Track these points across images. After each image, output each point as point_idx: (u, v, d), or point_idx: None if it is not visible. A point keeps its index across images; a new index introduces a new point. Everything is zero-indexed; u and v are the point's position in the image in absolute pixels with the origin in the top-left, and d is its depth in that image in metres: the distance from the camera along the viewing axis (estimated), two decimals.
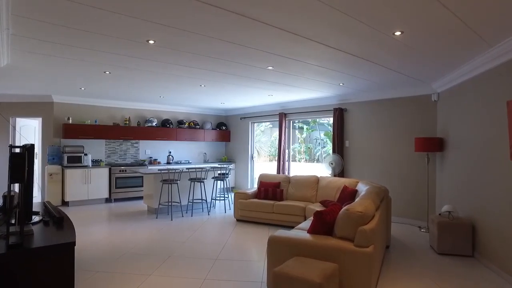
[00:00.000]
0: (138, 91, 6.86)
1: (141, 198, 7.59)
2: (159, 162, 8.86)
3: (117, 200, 7.84)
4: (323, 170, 7.43)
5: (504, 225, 3.51)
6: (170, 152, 9.26)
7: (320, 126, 18.55)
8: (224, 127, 10.27)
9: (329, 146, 17.85)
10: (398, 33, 3.16)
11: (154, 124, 8.80)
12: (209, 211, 6.89)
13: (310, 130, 19.30)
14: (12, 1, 2.50)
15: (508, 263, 3.41)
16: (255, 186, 9.45)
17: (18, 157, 2.28)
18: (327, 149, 17.98)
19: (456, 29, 3.04)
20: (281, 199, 6.03)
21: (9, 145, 2.29)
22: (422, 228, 5.58)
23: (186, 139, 9.37)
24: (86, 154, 7.50)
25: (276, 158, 8.76)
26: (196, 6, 2.63)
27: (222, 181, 7.32)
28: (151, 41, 3.49)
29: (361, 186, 5.15)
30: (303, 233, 3.23)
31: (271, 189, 6.14)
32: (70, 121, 7.52)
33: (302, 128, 19.00)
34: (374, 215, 3.27)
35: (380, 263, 3.63)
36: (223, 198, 7.49)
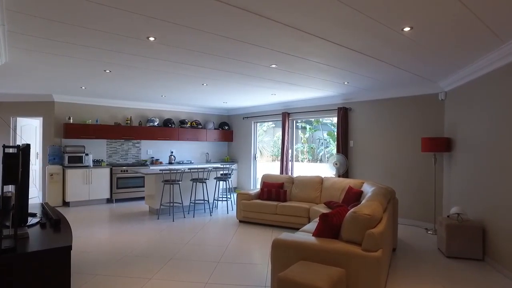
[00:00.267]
0: (140, 90, 6.77)
1: (143, 199, 7.50)
2: (161, 162, 8.78)
3: (119, 201, 7.76)
4: (327, 171, 7.31)
5: None
6: (172, 152, 9.17)
7: (323, 126, 18.40)
8: (227, 127, 10.17)
9: (332, 146, 17.73)
10: (407, 29, 3.04)
11: (156, 124, 8.71)
12: (211, 212, 6.79)
13: (313, 130, 19.16)
14: None
15: None
16: (258, 187, 9.37)
17: (12, 158, 2.19)
18: (330, 149, 17.85)
19: (469, 24, 2.92)
20: (285, 200, 5.92)
21: (2, 145, 2.20)
22: (429, 230, 5.45)
23: (188, 139, 9.28)
24: (87, 154, 7.43)
25: (279, 158, 8.64)
26: (197, 0, 2.53)
27: (225, 182, 7.22)
28: (152, 38, 3.39)
29: (367, 187, 5.04)
30: (308, 236, 3.11)
31: (275, 190, 6.04)
32: (71, 121, 7.44)
33: (305, 128, 18.86)
34: (382, 218, 3.16)
35: (388, 267, 3.51)
36: (226, 199, 7.39)
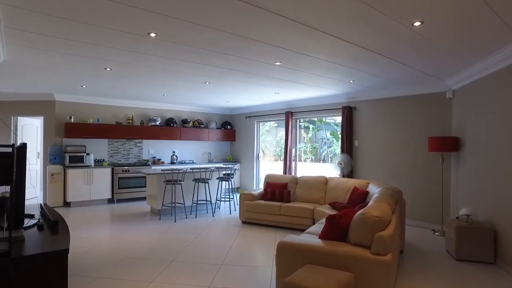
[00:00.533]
0: (141, 89, 6.68)
1: (145, 199, 7.41)
2: (163, 162, 8.69)
3: (120, 201, 7.67)
4: (331, 171, 7.20)
5: None
6: (174, 152, 9.08)
7: (326, 126, 18.27)
8: (229, 127, 10.06)
9: (335, 146, 17.60)
10: (418, 24, 2.92)
11: (158, 123, 8.62)
12: (214, 213, 6.69)
13: (316, 130, 19.04)
14: None
15: None
16: (261, 187, 9.27)
17: (6, 157, 2.10)
18: (333, 149, 17.72)
19: (484, 19, 2.80)
20: (289, 201, 5.81)
21: None
22: (436, 232, 5.33)
23: (191, 139, 9.18)
24: (88, 154, 7.35)
25: (283, 158, 8.54)
26: None
27: (227, 182, 7.12)
28: (152, 34, 3.29)
29: (373, 188, 4.93)
30: (314, 239, 3.01)
31: (278, 190, 5.93)
32: (72, 120, 7.36)
33: (308, 128, 18.74)
34: (391, 220, 3.05)
35: (396, 270, 3.40)
36: (228, 199, 7.29)
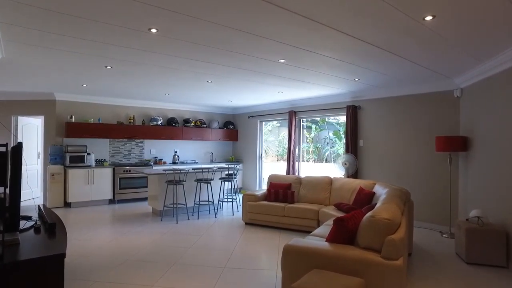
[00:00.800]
0: (142, 88, 6.58)
1: (146, 199, 7.31)
2: (165, 162, 8.59)
3: (121, 201, 7.58)
4: (334, 171, 7.08)
5: None
6: (176, 152, 8.98)
7: (329, 126, 18.12)
8: (232, 126, 9.96)
9: (338, 146, 17.47)
10: (429, 18, 2.80)
11: (160, 123, 8.53)
12: (216, 214, 6.59)
13: (319, 130, 18.89)
14: None
15: None
16: (264, 187, 9.17)
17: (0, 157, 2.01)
18: (336, 149, 17.58)
19: (499, 13, 2.68)
20: (292, 202, 5.70)
21: None
22: (444, 234, 5.20)
23: (192, 139, 9.08)
24: (89, 154, 7.26)
25: (285, 158, 8.43)
26: None
27: (230, 182, 7.01)
28: (153, 30, 3.18)
29: (379, 189, 4.81)
30: (321, 242, 2.89)
31: (282, 191, 5.81)
32: (73, 120, 7.27)
33: (310, 128, 18.59)
34: (401, 222, 2.93)
35: (406, 274, 3.28)
36: (231, 200, 7.18)
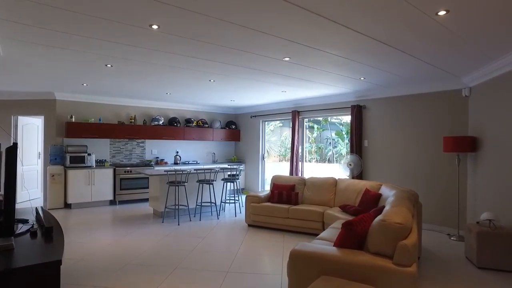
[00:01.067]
0: (144, 87, 6.47)
1: (147, 200, 7.20)
2: (166, 163, 8.48)
3: (122, 202, 7.48)
4: (338, 171, 6.95)
5: None
6: (178, 152, 8.88)
7: (331, 125, 17.99)
8: (234, 126, 9.84)
9: (341, 146, 17.33)
10: (443, 13, 2.68)
11: (161, 123, 8.42)
12: (219, 215, 6.47)
13: (321, 130, 18.76)
14: None
15: None
16: (266, 188, 9.05)
17: None
18: (339, 149, 17.44)
19: None
20: (296, 203, 5.58)
21: None
22: (452, 236, 5.07)
23: (194, 139, 8.97)
24: (90, 154, 7.16)
25: (287, 158, 8.31)
26: None
27: (232, 183, 6.89)
28: (155, 26, 3.07)
29: (386, 190, 4.69)
30: (329, 247, 2.77)
31: (286, 192, 5.70)
32: (73, 120, 7.17)
33: (313, 128, 18.47)
34: (412, 226, 2.81)
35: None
36: (233, 201, 7.06)
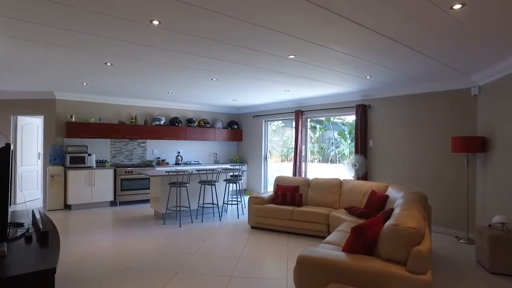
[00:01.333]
0: (145, 87, 6.35)
1: (148, 201, 7.09)
2: (167, 163, 8.37)
3: (123, 203, 7.36)
4: (342, 172, 6.83)
5: None
6: (179, 152, 8.76)
7: (334, 125, 17.86)
8: (236, 126, 9.72)
9: (343, 146, 17.21)
10: (458, 7, 2.55)
11: (162, 123, 8.31)
12: (221, 217, 6.35)
13: (323, 130, 18.63)
14: None
15: None
16: (269, 189, 8.93)
17: None
18: (341, 149, 17.32)
19: None
20: (301, 205, 5.45)
21: None
22: (461, 239, 4.93)
23: (196, 139, 8.85)
24: (90, 154, 7.05)
25: (289, 159, 8.19)
26: None
27: (235, 184, 6.76)
28: (155, 22, 2.95)
29: (393, 192, 4.56)
30: (338, 252, 2.65)
31: (289, 193, 5.57)
32: (73, 119, 7.06)
33: (315, 128, 18.34)
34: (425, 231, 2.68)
35: None
36: (236, 202, 6.93)
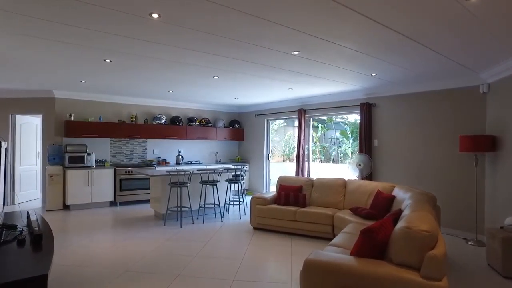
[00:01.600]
0: (145, 85, 6.23)
1: (149, 201, 6.97)
2: (168, 163, 8.25)
3: (123, 204, 7.25)
4: (344, 171, 6.70)
5: None
6: (180, 152, 8.64)
7: (336, 125, 17.72)
8: (238, 125, 9.59)
9: (346, 146, 17.06)
10: None
11: (163, 122, 8.19)
12: (223, 217, 6.23)
13: (325, 129, 18.49)
14: None
15: None
16: (271, 189, 8.80)
17: None
18: (344, 149, 17.18)
19: None
20: (304, 205, 5.32)
21: None
22: (470, 241, 4.80)
23: (197, 138, 8.73)
24: (90, 154, 6.93)
25: (291, 158, 8.06)
26: None
27: (237, 184, 6.64)
28: (155, 15, 2.83)
29: (400, 192, 4.44)
30: (346, 256, 2.52)
31: (293, 194, 5.44)
32: (73, 118, 6.94)
33: (317, 127, 18.21)
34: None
35: None
36: (238, 203, 6.81)
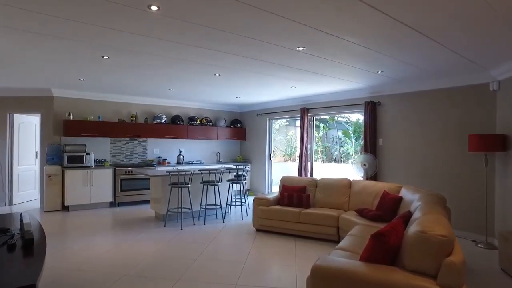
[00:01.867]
0: (145, 83, 6.10)
1: (149, 202, 6.84)
2: (169, 163, 8.12)
3: (122, 204, 7.12)
4: (347, 171, 6.56)
5: None
6: (181, 152, 8.51)
7: (338, 124, 17.57)
8: (239, 125, 9.45)
9: (348, 146, 16.92)
10: None
11: (163, 121, 8.06)
12: (224, 218, 6.09)
13: (327, 129, 18.34)
14: None
15: None
16: (273, 189, 8.66)
17: None
18: (346, 149, 17.03)
19: None
20: (308, 206, 5.18)
21: None
22: (479, 243, 4.65)
23: (198, 138, 8.59)
24: (89, 154, 6.81)
25: (293, 158, 7.92)
26: None
27: (239, 184, 6.50)
28: (154, 7, 2.69)
29: (407, 193, 4.29)
30: (356, 262, 2.38)
31: (296, 194, 5.30)
32: (71, 117, 6.82)
33: (319, 127, 18.07)
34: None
35: None
36: (240, 203, 6.68)
